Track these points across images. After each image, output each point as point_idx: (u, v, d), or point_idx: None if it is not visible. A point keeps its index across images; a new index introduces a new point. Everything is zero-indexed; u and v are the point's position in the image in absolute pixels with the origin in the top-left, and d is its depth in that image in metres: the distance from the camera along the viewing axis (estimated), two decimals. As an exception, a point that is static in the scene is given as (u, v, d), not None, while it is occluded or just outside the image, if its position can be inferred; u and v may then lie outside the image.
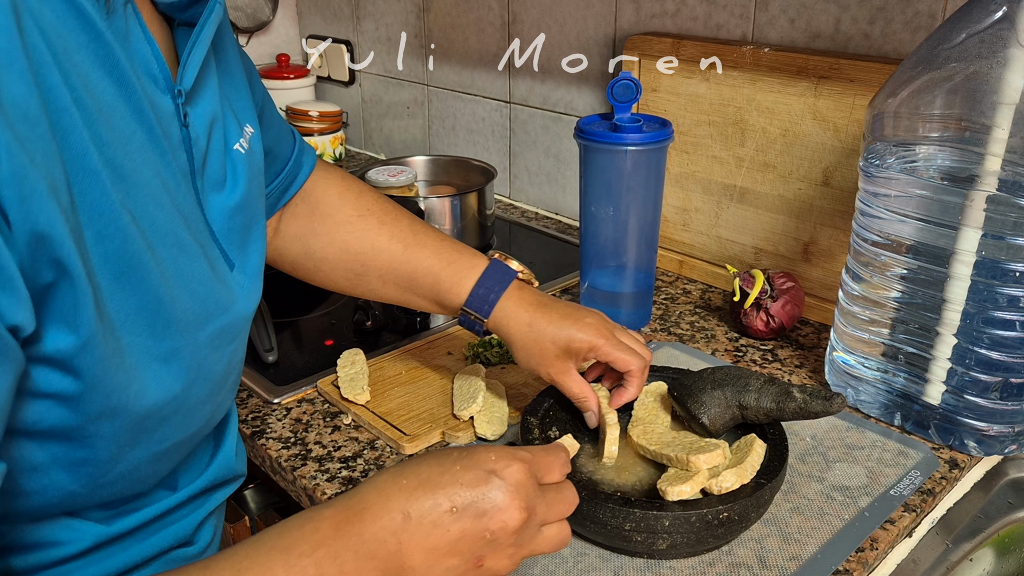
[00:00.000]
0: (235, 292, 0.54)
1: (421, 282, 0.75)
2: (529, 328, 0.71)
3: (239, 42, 1.73)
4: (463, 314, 0.74)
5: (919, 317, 0.74)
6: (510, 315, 0.72)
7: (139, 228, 0.44)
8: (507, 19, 1.37)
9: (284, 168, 0.75)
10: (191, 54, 0.49)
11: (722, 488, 0.61)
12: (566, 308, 0.73)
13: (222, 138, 0.55)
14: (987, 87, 0.65)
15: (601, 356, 0.71)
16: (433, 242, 0.76)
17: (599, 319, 0.72)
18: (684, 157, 1.10)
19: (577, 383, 0.71)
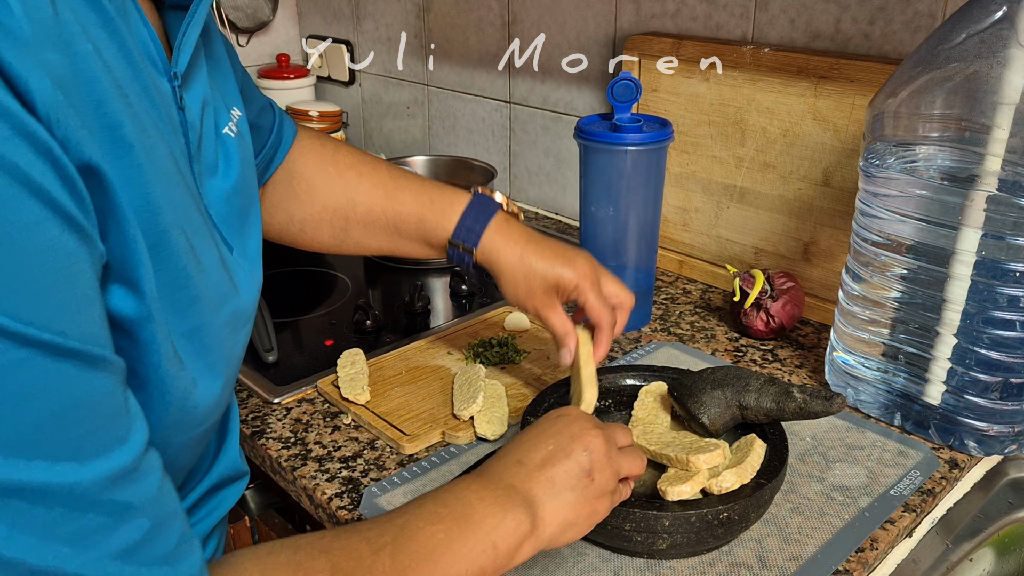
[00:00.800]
0: (238, 276, 0.55)
1: (406, 224, 0.75)
2: (520, 261, 0.72)
3: (238, 41, 1.74)
4: (451, 247, 0.74)
5: (919, 317, 0.74)
6: (500, 246, 0.73)
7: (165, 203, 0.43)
8: (507, 19, 1.37)
9: (268, 140, 0.75)
10: (185, 36, 0.48)
11: (722, 488, 0.61)
12: (556, 246, 0.74)
13: (213, 122, 0.55)
14: (987, 87, 0.65)
15: (581, 298, 0.72)
16: (414, 184, 0.77)
17: (589, 262, 0.74)
18: (684, 157, 1.10)
19: (560, 319, 0.73)
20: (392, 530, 0.47)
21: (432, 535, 0.47)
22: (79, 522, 0.32)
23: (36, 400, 0.31)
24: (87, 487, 0.32)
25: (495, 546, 0.49)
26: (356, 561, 0.44)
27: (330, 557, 0.43)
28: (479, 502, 0.50)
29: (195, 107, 0.51)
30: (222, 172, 0.55)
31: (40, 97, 0.32)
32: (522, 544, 0.50)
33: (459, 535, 0.48)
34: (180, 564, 0.37)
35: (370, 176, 0.77)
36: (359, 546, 0.45)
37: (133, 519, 0.34)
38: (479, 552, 0.48)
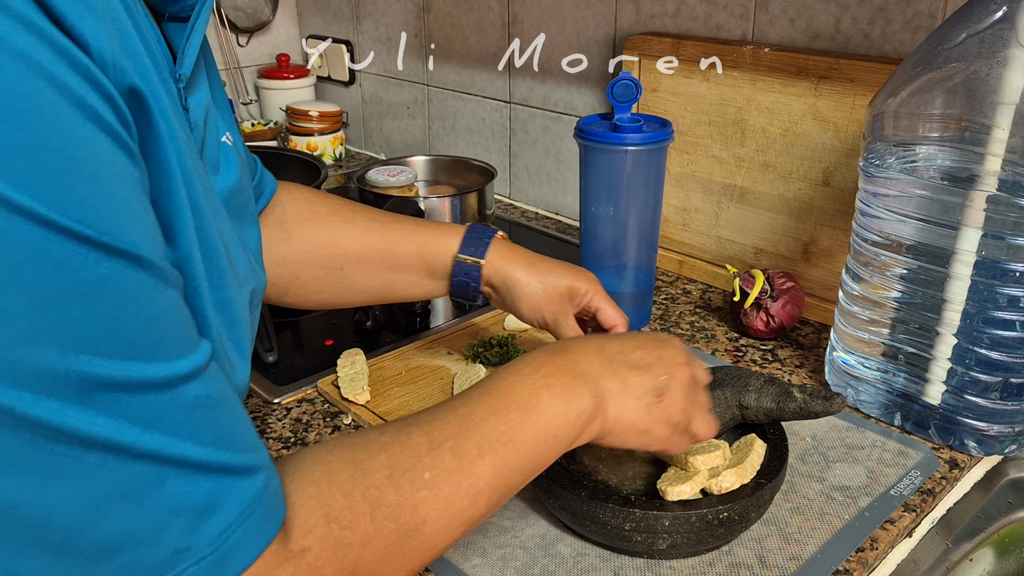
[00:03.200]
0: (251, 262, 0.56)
1: (404, 256, 0.75)
2: (531, 267, 0.74)
3: (238, 41, 1.74)
4: (458, 265, 0.74)
5: (919, 317, 0.74)
6: (509, 256, 0.74)
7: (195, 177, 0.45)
8: (507, 19, 1.37)
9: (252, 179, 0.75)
10: (189, 40, 0.49)
11: (722, 488, 0.61)
12: (559, 262, 0.77)
13: (215, 127, 0.57)
14: (987, 87, 0.65)
15: (595, 304, 0.75)
16: (408, 222, 0.77)
17: (592, 275, 0.77)
18: (684, 157, 1.10)
19: (573, 327, 0.75)
20: (455, 423, 0.47)
21: (494, 427, 0.48)
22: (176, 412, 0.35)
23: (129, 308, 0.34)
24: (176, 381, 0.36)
25: (556, 435, 0.50)
26: (416, 457, 0.45)
27: (389, 453, 0.45)
28: (546, 389, 0.50)
29: (199, 111, 0.52)
30: (223, 172, 0.57)
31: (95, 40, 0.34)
32: (582, 431, 0.52)
33: (520, 426, 0.49)
34: (258, 452, 0.40)
35: (364, 216, 0.77)
36: (419, 441, 0.46)
37: (215, 409, 0.38)
38: (540, 442, 0.49)
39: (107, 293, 0.33)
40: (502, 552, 0.64)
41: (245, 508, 0.37)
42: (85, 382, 0.32)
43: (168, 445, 0.35)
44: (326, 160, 1.65)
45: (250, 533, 0.38)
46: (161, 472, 0.35)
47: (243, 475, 0.38)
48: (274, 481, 0.40)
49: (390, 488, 0.43)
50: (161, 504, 0.35)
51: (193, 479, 0.36)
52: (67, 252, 0.32)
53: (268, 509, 0.39)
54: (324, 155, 1.65)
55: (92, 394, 0.32)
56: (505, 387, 0.51)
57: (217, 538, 0.36)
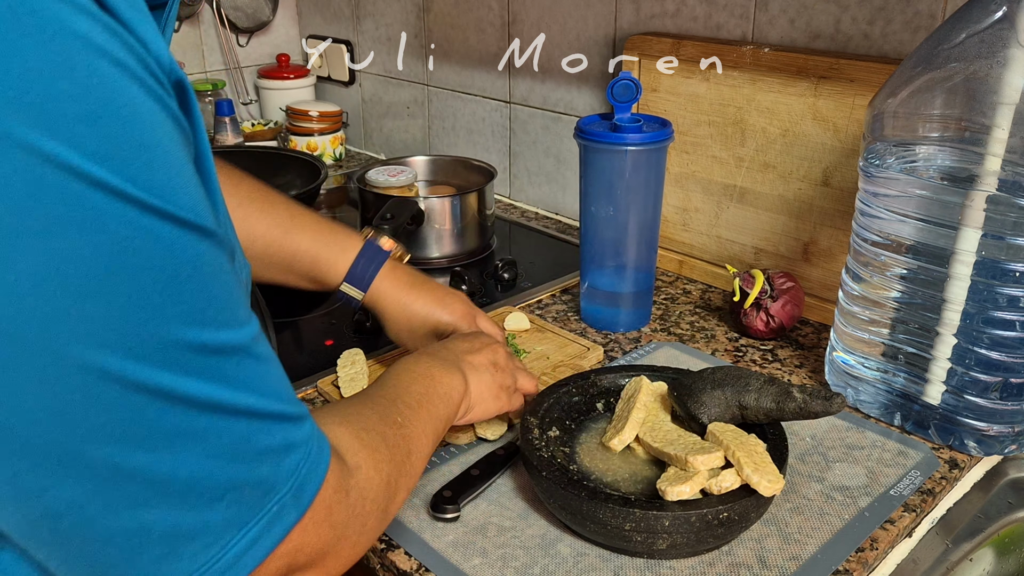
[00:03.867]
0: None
1: (300, 264, 0.81)
2: (403, 308, 0.82)
3: (239, 42, 1.74)
4: (341, 292, 0.81)
5: (919, 317, 0.74)
6: (385, 293, 0.82)
7: None
8: (507, 19, 1.37)
9: None
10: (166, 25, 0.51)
11: (722, 488, 0.61)
12: (436, 290, 0.83)
13: None
14: (987, 87, 0.65)
15: None
16: (311, 224, 0.82)
17: (464, 304, 0.83)
18: (684, 157, 1.10)
19: None
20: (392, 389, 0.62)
21: (416, 391, 0.63)
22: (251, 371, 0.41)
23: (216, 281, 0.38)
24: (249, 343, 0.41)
25: (451, 398, 0.66)
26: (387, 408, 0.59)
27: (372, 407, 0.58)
28: (435, 367, 0.67)
29: None
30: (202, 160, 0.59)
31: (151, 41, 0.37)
32: (462, 399, 0.68)
33: (432, 390, 0.64)
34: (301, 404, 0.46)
35: (270, 213, 0.81)
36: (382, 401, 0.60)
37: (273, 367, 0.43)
38: (443, 403, 0.65)
39: (204, 268, 0.37)
40: (502, 552, 0.64)
41: (306, 445, 0.44)
42: (197, 350, 0.37)
43: (252, 401, 0.40)
44: (326, 160, 1.65)
45: (314, 466, 0.44)
46: (251, 425, 0.40)
47: (299, 421, 0.44)
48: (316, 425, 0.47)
49: (385, 426, 0.56)
50: (254, 451, 0.41)
51: (271, 427, 0.42)
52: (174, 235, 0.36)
53: (321, 443, 0.46)
54: (324, 155, 1.65)
55: (200, 361, 0.37)
56: (407, 368, 0.66)
57: (293, 472, 0.43)
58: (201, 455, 0.38)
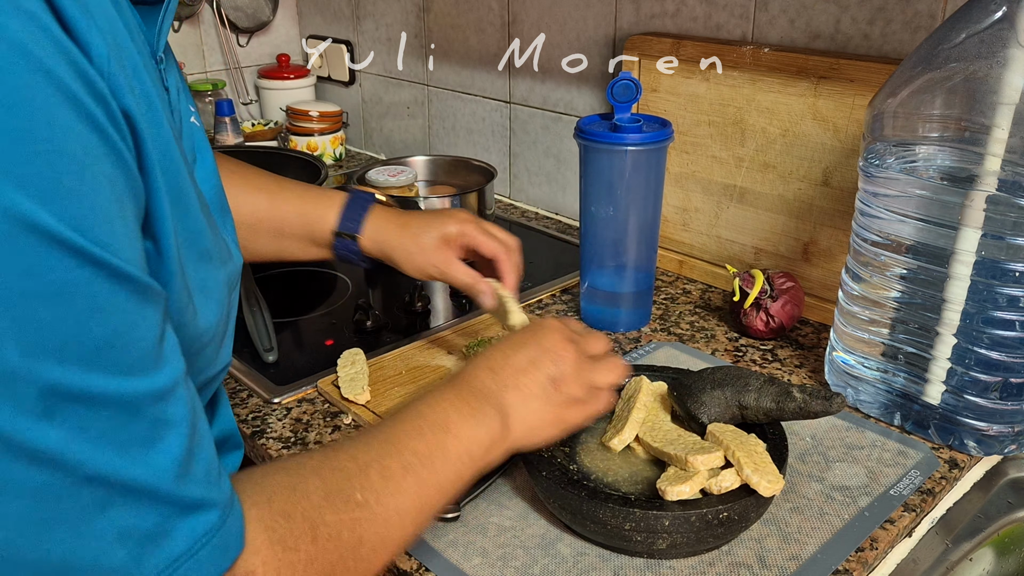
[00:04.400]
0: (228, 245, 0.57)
1: (290, 225, 0.79)
2: (404, 229, 0.78)
3: (239, 42, 1.74)
4: (337, 239, 0.78)
5: (919, 317, 0.74)
6: (382, 226, 0.78)
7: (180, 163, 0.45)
8: (507, 19, 1.37)
9: None
10: (163, 21, 0.50)
11: (722, 488, 0.61)
12: (432, 211, 0.81)
13: (188, 108, 0.58)
14: (987, 87, 0.65)
15: (470, 241, 0.77)
16: (296, 187, 0.81)
17: (464, 212, 0.80)
18: (684, 157, 1.10)
19: (463, 270, 0.78)
20: (376, 447, 0.50)
21: (415, 450, 0.50)
22: (130, 430, 0.34)
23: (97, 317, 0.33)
24: (137, 399, 0.35)
25: (470, 454, 0.53)
26: (345, 479, 0.46)
27: (321, 477, 0.46)
28: (455, 412, 0.54)
29: (174, 91, 0.54)
30: (200, 154, 0.58)
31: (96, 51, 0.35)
32: (492, 448, 0.55)
33: (438, 447, 0.52)
34: (216, 487, 0.39)
35: (254, 181, 0.79)
36: (347, 464, 0.47)
37: (175, 434, 0.37)
38: (456, 461, 0.52)
39: (79, 298, 0.32)
40: (502, 552, 0.64)
41: (195, 542, 0.37)
42: (44, 389, 0.31)
43: (118, 468, 0.34)
44: (326, 160, 1.65)
45: (197, 569, 0.37)
46: (108, 496, 0.34)
47: (195, 509, 0.37)
48: (232, 520, 0.39)
49: (328, 509, 0.44)
50: (106, 530, 0.34)
51: (141, 507, 0.35)
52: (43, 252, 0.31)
53: (221, 546, 0.38)
54: (324, 155, 1.65)
55: (50, 403, 0.32)
56: (416, 413, 0.53)
57: (163, 571, 0.36)
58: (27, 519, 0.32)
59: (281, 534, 0.42)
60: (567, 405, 0.59)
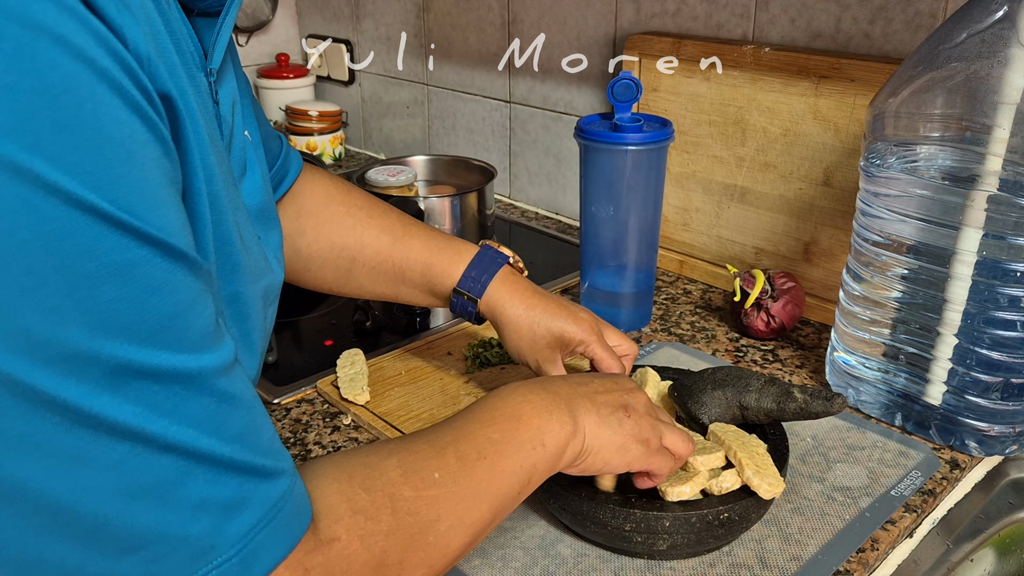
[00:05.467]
0: (268, 259, 0.57)
1: (412, 271, 0.75)
2: (525, 312, 0.73)
3: (238, 41, 1.73)
4: (456, 296, 0.74)
5: (920, 317, 0.74)
6: (505, 298, 0.73)
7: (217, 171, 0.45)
8: (507, 19, 1.37)
9: (274, 166, 0.75)
10: (219, 36, 0.50)
11: (722, 488, 0.61)
12: (560, 301, 0.75)
13: (241, 122, 0.57)
14: (988, 87, 0.64)
15: (588, 353, 0.73)
16: (423, 232, 0.77)
17: (592, 316, 0.74)
18: (684, 157, 1.10)
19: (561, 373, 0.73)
20: (451, 432, 0.51)
21: (488, 436, 0.51)
22: (199, 405, 0.36)
23: (158, 295, 0.34)
24: (202, 374, 0.36)
25: (543, 444, 0.53)
26: (423, 460, 0.48)
27: (399, 457, 0.47)
28: (527, 404, 0.54)
29: (227, 104, 0.54)
30: (249, 167, 0.58)
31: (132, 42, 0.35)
32: (567, 445, 0.54)
33: (512, 434, 0.52)
34: (282, 457, 0.40)
35: (380, 220, 0.76)
36: (423, 447, 0.49)
37: (240, 407, 0.38)
38: (530, 449, 0.52)
39: (138, 277, 0.33)
40: (502, 552, 0.64)
41: (270, 509, 0.38)
42: (113, 367, 0.32)
43: (193, 439, 0.35)
44: (326, 160, 1.65)
45: (275, 534, 0.38)
46: (187, 466, 0.35)
47: (267, 477, 0.38)
48: (298, 487, 0.41)
49: (405, 485, 0.45)
50: (187, 500, 0.35)
51: (218, 476, 0.36)
52: (100, 233, 0.32)
53: (293, 512, 0.39)
54: (324, 155, 1.64)
55: (120, 380, 0.33)
56: (489, 406, 0.54)
57: (243, 537, 0.37)
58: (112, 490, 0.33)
59: (362, 505, 0.43)
60: (634, 439, 0.57)
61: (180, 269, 0.35)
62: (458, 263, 0.74)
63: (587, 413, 0.56)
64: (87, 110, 0.32)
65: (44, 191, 0.30)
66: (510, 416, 0.53)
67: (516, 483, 0.51)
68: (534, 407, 0.54)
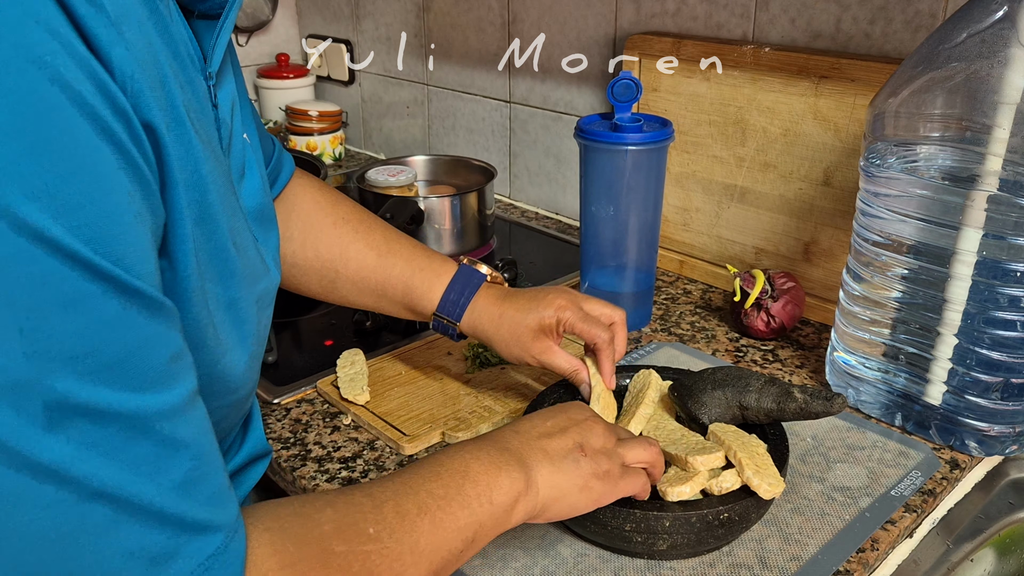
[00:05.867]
0: (266, 261, 0.57)
1: (393, 291, 0.77)
2: (501, 319, 0.74)
3: (238, 41, 1.74)
4: (436, 319, 0.76)
5: (920, 317, 0.74)
6: (482, 315, 0.74)
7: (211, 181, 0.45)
8: (507, 19, 1.37)
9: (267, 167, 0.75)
10: (219, 37, 0.50)
11: (722, 488, 0.61)
12: (532, 293, 0.75)
13: (240, 124, 0.58)
14: (988, 87, 0.64)
15: (568, 328, 0.73)
16: (404, 250, 0.77)
17: (564, 294, 0.74)
18: (684, 157, 1.10)
19: (563, 358, 0.73)
20: (393, 487, 0.49)
21: (431, 491, 0.49)
22: (138, 448, 0.34)
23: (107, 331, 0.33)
24: (145, 416, 0.35)
25: (491, 501, 0.51)
26: (360, 513, 0.46)
27: (335, 508, 0.46)
28: (475, 461, 0.52)
29: (226, 106, 0.54)
30: (248, 169, 0.58)
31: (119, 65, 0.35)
32: (517, 502, 0.52)
33: (457, 490, 0.50)
34: (223, 509, 0.39)
35: (365, 235, 0.77)
36: (361, 500, 0.47)
37: (184, 454, 0.37)
38: (476, 506, 0.50)
39: (87, 311, 0.32)
40: (502, 553, 0.64)
41: (200, 565, 0.37)
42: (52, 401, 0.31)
43: (125, 483, 0.34)
44: (326, 160, 1.65)
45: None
46: (115, 516, 0.34)
47: (201, 531, 0.37)
48: (235, 543, 0.39)
49: (338, 540, 0.44)
50: (114, 549, 0.34)
51: (148, 527, 0.35)
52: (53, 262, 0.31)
53: (225, 569, 0.38)
54: (324, 155, 1.64)
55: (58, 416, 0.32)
56: (435, 461, 0.52)
57: None
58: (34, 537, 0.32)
59: (292, 559, 0.42)
60: (594, 476, 0.56)
61: (134, 307, 0.34)
62: (437, 286, 0.76)
63: (540, 464, 0.54)
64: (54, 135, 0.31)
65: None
66: (456, 471, 0.51)
67: (459, 541, 0.49)
68: (482, 463, 0.52)
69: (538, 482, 0.54)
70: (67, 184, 0.31)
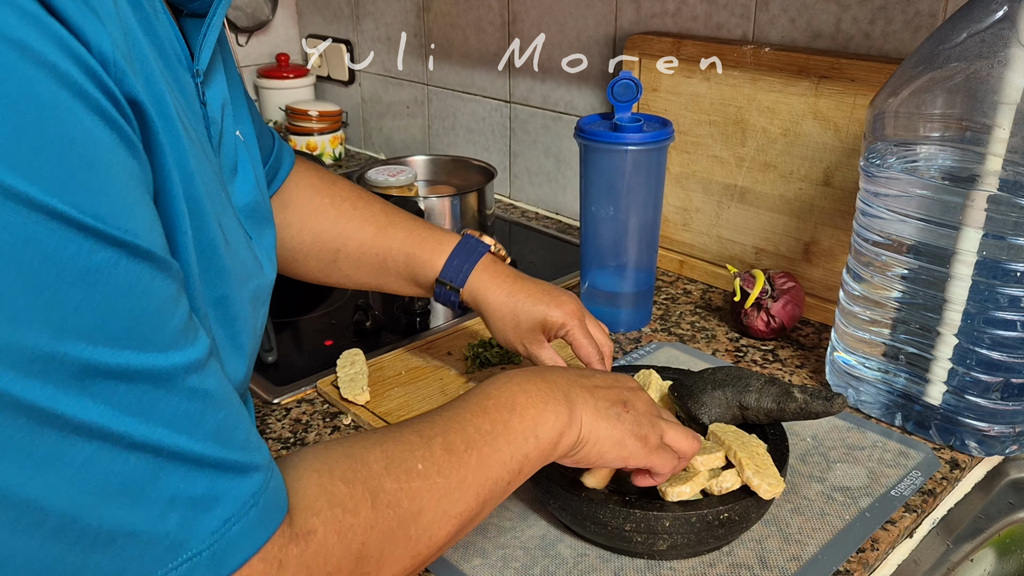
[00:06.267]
0: (260, 259, 0.57)
1: (395, 262, 0.76)
2: (507, 298, 0.74)
3: (238, 41, 1.74)
4: (438, 286, 0.75)
5: (920, 317, 0.74)
6: (487, 286, 0.74)
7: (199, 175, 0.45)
8: (507, 19, 1.37)
9: (267, 164, 0.75)
10: (206, 35, 0.50)
11: (722, 489, 0.61)
12: (543, 285, 0.75)
13: (232, 122, 0.57)
14: (988, 87, 0.64)
15: (568, 337, 0.73)
16: (405, 223, 0.78)
17: (574, 301, 0.75)
18: (685, 157, 1.10)
19: (550, 355, 0.74)
20: (441, 422, 0.50)
21: (479, 427, 0.50)
22: (171, 404, 0.35)
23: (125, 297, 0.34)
24: (174, 373, 0.36)
25: (537, 435, 0.52)
26: (409, 450, 0.47)
27: (384, 447, 0.46)
28: (522, 394, 0.53)
29: (215, 105, 0.53)
30: (240, 169, 0.58)
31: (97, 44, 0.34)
32: (561, 437, 0.53)
33: (504, 425, 0.51)
34: (258, 451, 0.40)
35: (364, 210, 0.78)
36: (411, 437, 0.48)
37: (213, 404, 0.37)
38: (522, 440, 0.51)
39: (103, 281, 0.33)
40: (502, 553, 0.64)
41: (243, 504, 0.38)
42: (79, 369, 0.32)
43: (163, 437, 0.35)
44: (326, 160, 1.65)
45: (248, 529, 0.38)
46: (157, 464, 0.35)
47: (241, 472, 0.38)
48: (274, 481, 0.40)
49: (387, 477, 0.45)
50: (158, 497, 0.35)
51: (189, 473, 0.36)
52: (62, 238, 0.32)
53: (267, 507, 0.39)
54: (324, 155, 1.64)
55: (86, 381, 0.32)
56: (483, 394, 0.53)
57: (214, 532, 0.37)
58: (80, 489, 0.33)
59: (341, 498, 0.43)
60: (632, 434, 0.56)
61: (148, 270, 0.35)
62: (440, 253, 0.75)
63: (584, 404, 0.55)
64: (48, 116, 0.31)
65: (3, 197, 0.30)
66: (503, 406, 0.52)
67: (506, 473, 0.50)
68: (529, 397, 0.53)
69: (581, 419, 0.55)
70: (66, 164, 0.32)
